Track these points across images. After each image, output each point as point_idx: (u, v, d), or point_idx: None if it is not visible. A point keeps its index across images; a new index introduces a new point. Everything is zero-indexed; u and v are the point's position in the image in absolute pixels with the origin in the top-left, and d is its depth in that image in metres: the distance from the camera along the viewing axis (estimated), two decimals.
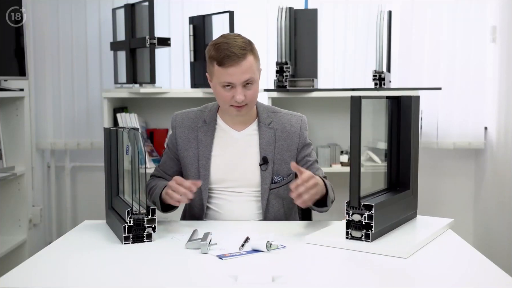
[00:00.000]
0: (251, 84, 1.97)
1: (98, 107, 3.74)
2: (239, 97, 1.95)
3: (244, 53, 1.94)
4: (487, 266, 1.55)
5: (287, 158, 2.08)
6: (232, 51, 1.92)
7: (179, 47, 3.67)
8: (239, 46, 1.94)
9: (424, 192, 3.36)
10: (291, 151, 2.09)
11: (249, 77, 1.95)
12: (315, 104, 3.62)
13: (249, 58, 1.95)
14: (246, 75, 1.94)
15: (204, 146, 2.09)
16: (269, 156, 2.06)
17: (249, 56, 1.95)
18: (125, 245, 1.72)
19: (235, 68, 1.93)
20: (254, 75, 1.97)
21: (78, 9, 3.71)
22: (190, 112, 2.17)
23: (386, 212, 1.74)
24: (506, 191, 3.29)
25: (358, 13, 3.67)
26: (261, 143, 2.07)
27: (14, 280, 1.45)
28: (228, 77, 1.94)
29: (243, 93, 1.96)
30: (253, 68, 1.97)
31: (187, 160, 2.10)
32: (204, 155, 2.08)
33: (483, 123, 3.66)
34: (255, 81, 1.99)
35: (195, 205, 2.11)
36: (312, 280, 1.45)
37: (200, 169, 2.08)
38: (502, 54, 3.44)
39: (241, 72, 1.94)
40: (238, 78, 1.94)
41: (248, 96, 1.98)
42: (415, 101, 1.91)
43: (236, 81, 1.94)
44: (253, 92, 1.99)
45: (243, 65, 1.93)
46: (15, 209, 3.20)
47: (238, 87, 1.95)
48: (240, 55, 1.93)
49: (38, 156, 3.78)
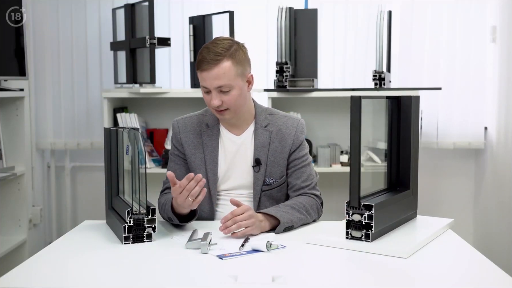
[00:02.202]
0: (229, 90, 1.96)
1: (98, 107, 3.74)
2: (213, 102, 1.95)
3: (218, 59, 1.92)
4: (487, 266, 1.55)
5: (280, 160, 2.07)
6: (207, 57, 1.93)
7: (179, 47, 3.67)
8: (216, 52, 1.93)
9: (424, 192, 3.36)
10: (284, 153, 2.08)
11: (222, 83, 1.93)
12: (315, 104, 3.62)
13: (224, 64, 1.93)
14: (217, 81, 1.93)
15: (210, 150, 2.08)
16: (262, 157, 2.05)
17: (224, 62, 1.93)
18: (125, 245, 1.72)
19: (207, 73, 1.94)
20: (229, 81, 1.94)
21: (78, 9, 3.71)
22: (191, 117, 2.15)
23: (386, 212, 1.74)
24: (506, 191, 3.29)
25: (358, 13, 3.67)
26: (256, 145, 2.07)
27: (14, 280, 1.46)
28: (203, 81, 1.96)
29: (219, 98, 1.95)
30: (227, 74, 1.93)
31: (194, 165, 2.09)
32: (211, 159, 2.07)
33: (483, 123, 3.66)
34: (232, 87, 1.96)
35: (203, 209, 2.09)
36: (312, 280, 1.45)
37: (208, 173, 2.07)
38: (502, 54, 3.44)
39: (213, 78, 1.93)
40: (210, 83, 1.95)
41: (226, 101, 1.96)
42: (415, 101, 1.92)
43: (209, 86, 1.95)
44: (231, 97, 1.96)
45: (215, 71, 1.93)
46: (15, 209, 3.20)
47: (213, 91, 1.95)
48: (212, 61, 1.92)
49: (38, 156, 3.77)
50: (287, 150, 2.08)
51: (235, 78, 1.96)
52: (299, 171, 2.08)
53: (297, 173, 2.08)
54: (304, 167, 2.09)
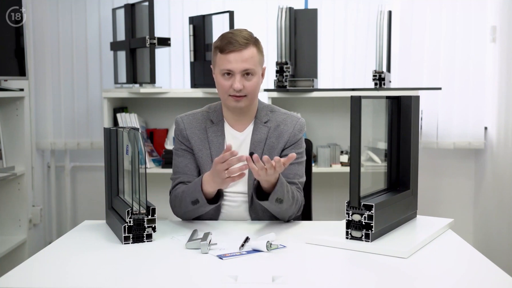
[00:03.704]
0: (251, 75, 1.98)
1: (98, 107, 3.74)
2: (237, 85, 1.95)
3: (247, 42, 1.97)
4: (487, 266, 1.55)
5: (274, 156, 2.00)
6: (235, 39, 1.96)
7: (179, 47, 3.67)
8: (243, 36, 1.98)
9: (424, 192, 3.37)
10: (278, 149, 2.07)
11: (249, 67, 1.96)
12: (315, 104, 3.62)
13: (251, 49, 1.97)
14: (245, 64, 1.96)
15: (216, 146, 2.07)
16: (257, 152, 2.04)
17: (251, 47, 1.98)
18: (125, 245, 1.72)
19: (235, 54, 1.95)
20: (254, 66, 1.98)
21: (78, 9, 3.71)
22: (195, 113, 2.14)
23: (386, 212, 1.74)
24: (506, 191, 3.29)
25: (358, 13, 3.67)
26: (253, 139, 2.07)
27: (14, 280, 1.46)
28: (228, 64, 1.96)
29: (242, 82, 1.96)
30: (254, 59, 1.98)
31: (202, 161, 2.08)
32: (217, 155, 2.03)
33: (483, 123, 3.66)
34: (255, 73, 1.99)
35: None
36: (312, 280, 1.45)
37: None
38: (502, 54, 3.44)
39: (241, 60, 1.95)
40: (238, 66, 1.95)
41: (247, 87, 1.98)
42: (415, 101, 1.92)
43: (235, 69, 1.95)
44: (252, 83, 1.98)
45: (244, 53, 1.96)
46: (15, 209, 3.20)
47: (237, 75, 1.96)
48: (242, 43, 1.96)
49: (38, 156, 3.78)
50: (281, 146, 2.07)
51: (258, 65, 2.00)
52: (287, 168, 1.98)
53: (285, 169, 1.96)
54: (293, 165, 2.05)
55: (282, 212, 1.97)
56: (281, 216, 2.00)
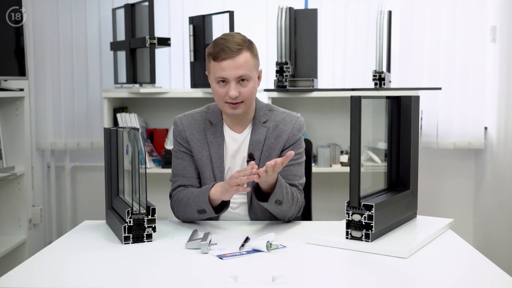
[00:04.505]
0: (247, 81, 1.95)
1: (98, 107, 3.74)
2: (232, 93, 1.93)
3: (239, 48, 1.93)
4: (487, 266, 1.55)
5: (273, 156, 2.03)
6: (227, 46, 1.92)
7: (179, 47, 3.67)
8: (235, 42, 1.94)
9: (424, 192, 3.37)
10: (277, 149, 2.06)
11: (243, 73, 1.93)
12: (315, 104, 3.62)
13: (245, 54, 1.94)
14: (239, 71, 1.93)
15: (215, 147, 2.06)
16: (256, 153, 2.04)
17: (244, 52, 1.94)
18: (125, 245, 1.72)
19: (228, 62, 1.92)
20: (249, 72, 1.95)
21: (78, 9, 3.71)
22: (194, 114, 2.12)
23: (386, 212, 1.74)
24: (506, 191, 3.29)
25: (358, 13, 3.67)
26: (251, 140, 2.05)
27: (14, 280, 1.46)
28: (222, 71, 1.93)
29: (237, 89, 1.94)
30: (248, 64, 1.94)
31: (201, 163, 2.07)
32: (217, 156, 2.05)
33: (483, 123, 3.66)
34: (251, 79, 1.96)
35: None
36: (312, 280, 1.45)
37: (215, 171, 2.05)
38: (502, 54, 3.44)
39: (235, 67, 1.92)
40: (232, 73, 1.93)
41: (243, 93, 1.95)
42: (415, 101, 1.92)
43: (230, 76, 1.93)
44: (248, 89, 1.96)
45: (237, 60, 1.92)
46: (15, 209, 3.20)
47: (232, 82, 1.93)
48: (235, 49, 1.92)
49: (38, 156, 3.78)
50: (280, 146, 2.06)
51: (253, 70, 1.97)
52: (286, 169, 2.01)
53: (283, 170, 1.99)
54: (293, 166, 2.04)
55: (282, 213, 1.98)
56: (281, 216, 2.00)
